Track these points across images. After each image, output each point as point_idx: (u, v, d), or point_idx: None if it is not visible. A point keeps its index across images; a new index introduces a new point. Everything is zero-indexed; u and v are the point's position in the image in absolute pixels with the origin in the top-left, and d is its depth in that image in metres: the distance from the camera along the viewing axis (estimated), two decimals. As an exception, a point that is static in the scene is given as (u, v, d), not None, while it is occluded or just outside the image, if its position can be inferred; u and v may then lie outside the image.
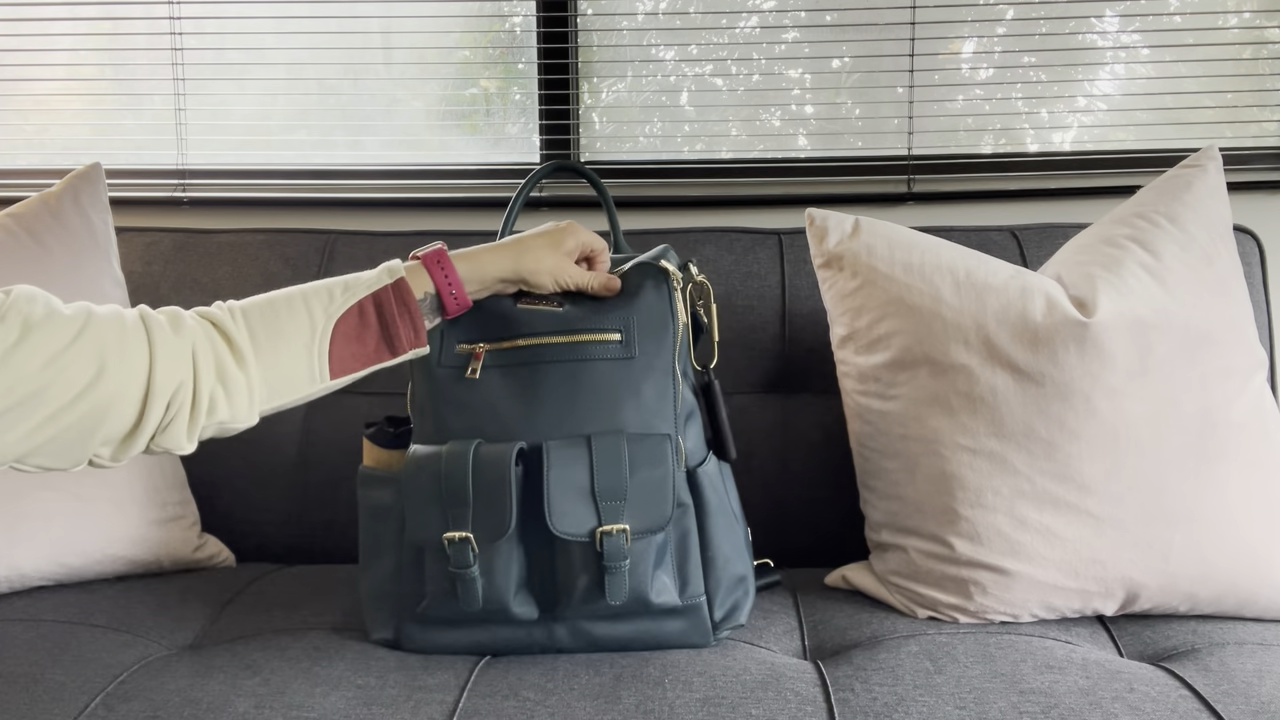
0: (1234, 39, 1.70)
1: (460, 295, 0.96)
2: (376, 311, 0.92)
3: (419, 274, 0.94)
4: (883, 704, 0.89)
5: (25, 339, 0.76)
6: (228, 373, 0.86)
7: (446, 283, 0.95)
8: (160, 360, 0.82)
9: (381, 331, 0.92)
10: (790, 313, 1.40)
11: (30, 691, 0.93)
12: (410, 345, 0.93)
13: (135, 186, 1.80)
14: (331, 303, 0.90)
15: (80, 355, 0.78)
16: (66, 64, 1.82)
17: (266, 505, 1.41)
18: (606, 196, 1.24)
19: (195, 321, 0.86)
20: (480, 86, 1.81)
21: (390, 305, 0.92)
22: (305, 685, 0.93)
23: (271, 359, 0.88)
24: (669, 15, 1.77)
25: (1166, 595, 1.07)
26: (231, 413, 0.86)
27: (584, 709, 0.89)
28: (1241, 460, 1.08)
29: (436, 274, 0.94)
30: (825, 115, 1.76)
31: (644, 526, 0.95)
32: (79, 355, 0.78)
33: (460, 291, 0.95)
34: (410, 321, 0.93)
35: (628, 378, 1.00)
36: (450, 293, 0.95)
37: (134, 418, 0.81)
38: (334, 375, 0.91)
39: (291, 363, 0.88)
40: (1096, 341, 1.06)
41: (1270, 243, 1.63)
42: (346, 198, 1.77)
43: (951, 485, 1.08)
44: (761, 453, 1.37)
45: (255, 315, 0.89)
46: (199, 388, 0.84)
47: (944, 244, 1.16)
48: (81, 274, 1.31)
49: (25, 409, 0.76)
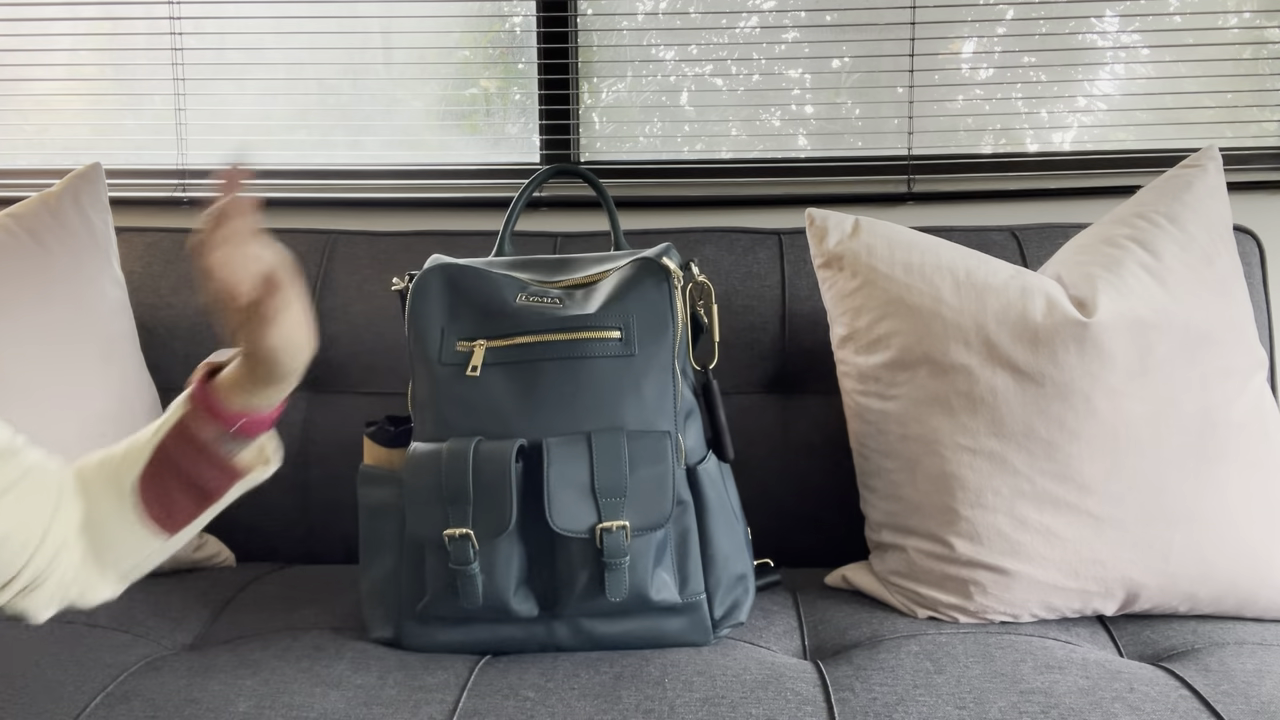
0: (1234, 39, 1.70)
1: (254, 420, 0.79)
2: (171, 466, 0.79)
3: (200, 420, 0.79)
4: (883, 704, 0.89)
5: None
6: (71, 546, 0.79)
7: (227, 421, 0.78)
8: (59, 521, 0.76)
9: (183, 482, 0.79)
10: (790, 313, 1.40)
11: (30, 691, 0.93)
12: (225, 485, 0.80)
13: (135, 186, 1.80)
14: (124, 463, 0.80)
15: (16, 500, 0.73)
16: (66, 64, 1.82)
17: (266, 505, 1.41)
18: (607, 197, 1.24)
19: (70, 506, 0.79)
20: (480, 86, 1.81)
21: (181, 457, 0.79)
22: (305, 685, 0.93)
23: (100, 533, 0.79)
24: (669, 15, 1.77)
25: (1166, 595, 1.07)
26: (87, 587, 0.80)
27: (584, 708, 0.89)
28: (1241, 460, 1.08)
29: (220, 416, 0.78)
30: (825, 115, 1.76)
31: (644, 523, 0.95)
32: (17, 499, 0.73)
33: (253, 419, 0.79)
34: (212, 464, 0.79)
35: (628, 375, 1.00)
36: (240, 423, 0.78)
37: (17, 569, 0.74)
38: (170, 532, 0.80)
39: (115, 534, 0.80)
40: (1096, 341, 1.06)
41: (1270, 243, 1.63)
42: (346, 198, 1.77)
43: (951, 485, 1.08)
44: (761, 453, 1.37)
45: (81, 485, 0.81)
46: (71, 554, 0.78)
47: (944, 244, 1.16)
48: (81, 274, 1.31)
49: None
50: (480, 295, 1.05)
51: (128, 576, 0.83)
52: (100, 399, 1.25)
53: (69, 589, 0.79)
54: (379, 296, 1.44)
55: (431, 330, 1.05)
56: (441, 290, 1.06)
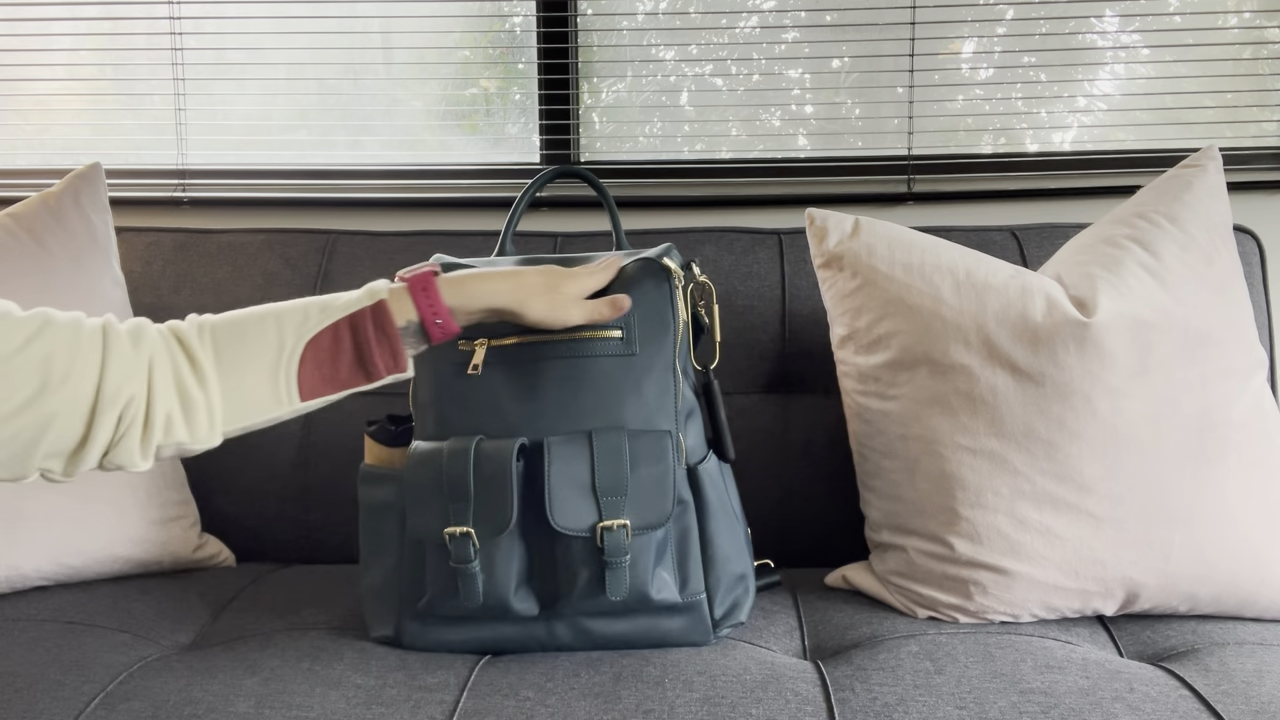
0: (1234, 39, 1.70)
1: (446, 323, 0.91)
2: (352, 335, 0.88)
3: (403, 299, 0.90)
4: (883, 704, 0.89)
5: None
6: (187, 391, 0.83)
7: (431, 312, 0.90)
8: (111, 373, 0.80)
9: (355, 356, 0.88)
10: (790, 313, 1.40)
11: (30, 691, 0.93)
12: (388, 371, 0.90)
13: (135, 186, 1.80)
14: (305, 323, 0.87)
15: (26, 363, 0.76)
16: (66, 64, 1.82)
17: (266, 505, 1.41)
18: (608, 197, 1.24)
19: (159, 335, 0.84)
20: (480, 86, 1.81)
21: (367, 330, 0.88)
22: (305, 685, 0.93)
23: (235, 379, 0.85)
24: (669, 15, 1.77)
25: (1166, 595, 1.07)
26: (190, 433, 0.84)
27: (584, 708, 0.89)
28: (1241, 460, 1.08)
29: (421, 302, 0.90)
30: (825, 115, 1.76)
31: (644, 522, 0.95)
32: (25, 363, 0.76)
33: (446, 320, 0.91)
34: (389, 347, 0.89)
35: (629, 374, 1.00)
36: (435, 321, 0.91)
37: (81, 431, 0.79)
38: (304, 398, 0.88)
39: (256, 384, 0.86)
40: (1096, 341, 1.06)
41: (1270, 243, 1.63)
42: (346, 198, 1.77)
43: (951, 485, 1.08)
44: (761, 453, 1.37)
45: (222, 332, 0.86)
46: (153, 404, 0.82)
47: (944, 244, 1.16)
48: (81, 274, 1.31)
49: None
50: (480, 295, 1.05)
51: (234, 431, 0.87)
52: (100, 399, 1.26)
53: (169, 434, 0.83)
54: (379, 296, 1.44)
55: (432, 330, 1.05)
56: (442, 290, 1.06)
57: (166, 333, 0.85)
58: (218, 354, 0.85)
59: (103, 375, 0.79)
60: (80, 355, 0.79)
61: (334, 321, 0.88)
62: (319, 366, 0.87)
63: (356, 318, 0.88)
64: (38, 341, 0.77)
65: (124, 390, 0.80)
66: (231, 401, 0.85)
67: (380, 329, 0.89)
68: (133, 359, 0.81)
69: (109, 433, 0.80)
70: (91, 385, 0.79)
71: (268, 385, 0.86)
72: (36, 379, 0.76)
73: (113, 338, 0.81)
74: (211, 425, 0.85)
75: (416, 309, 0.90)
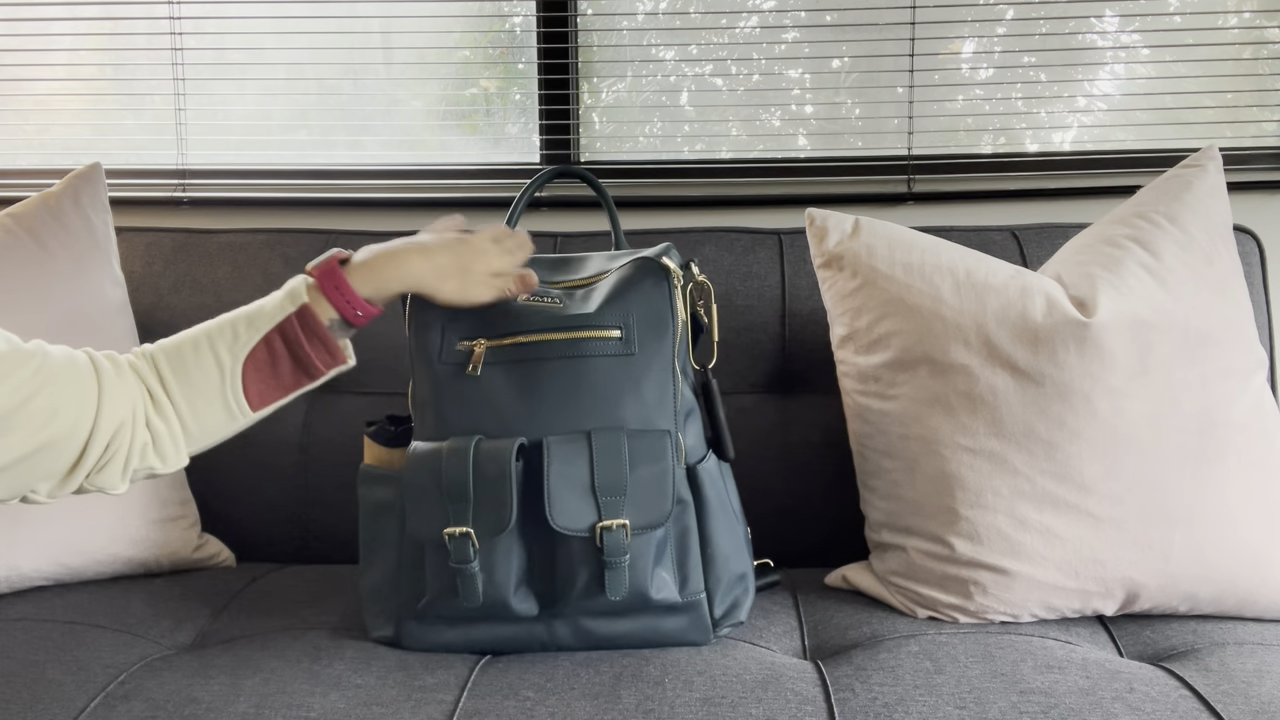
0: (1234, 39, 1.70)
1: (365, 309, 0.94)
2: (284, 343, 0.91)
3: (320, 298, 0.93)
4: (883, 704, 0.89)
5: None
6: (152, 420, 0.88)
7: (347, 304, 0.93)
8: (106, 406, 0.84)
9: (293, 361, 0.92)
10: (790, 313, 1.40)
11: (30, 691, 0.93)
12: (328, 366, 0.94)
13: (135, 186, 1.80)
14: (236, 341, 0.90)
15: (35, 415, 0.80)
16: (66, 64, 1.82)
17: (266, 505, 1.41)
18: (607, 198, 1.24)
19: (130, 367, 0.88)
20: (480, 86, 1.81)
21: (297, 334, 0.91)
22: (305, 685, 0.93)
23: (188, 406, 0.89)
24: (669, 15, 1.77)
25: (1166, 595, 1.07)
26: (161, 458, 0.89)
27: (584, 708, 0.89)
28: (1241, 460, 1.08)
29: (335, 298, 0.93)
30: (825, 115, 1.76)
31: (644, 522, 0.95)
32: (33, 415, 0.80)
33: (364, 306, 0.94)
34: (323, 346, 0.93)
35: (628, 374, 1.00)
36: (355, 312, 0.94)
37: (74, 458, 0.83)
38: (256, 408, 0.92)
39: (208, 406, 0.90)
40: (1096, 341, 1.06)
41: (1270, 243, 1.63)
42: (346, 198, 1.77)
43: (951, 485, 1.08)
44: (761, 453, 1.37)
45: (164, 364, 0.90)
46: (135, 431, 0.86)
47: (944, 244, 1.16)
48: (81, 274, 1.31)
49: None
50: (480, 295, 1.05)
51: (201, 448, 0.93)
52: (100, 399, 1.26)
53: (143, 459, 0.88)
54: (379, 296, 1.44)
55: (432, 329, 1.05)
56: (441, 290, 1.06)
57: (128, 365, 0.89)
58: (166, 385, 0.89)
59: (99, 409, 0.84)
60: (80, 395, 0.83)
61: (264, 334, 0.91)
62: (262, 378, 0.91)
63: (284, 326, 0.91)
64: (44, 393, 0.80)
65: (114, 420, 0.84)
66: (190, 426, 0.90)
67: (310, 331, 0.92)
68: (121, 390, 0.85)
69: (97, 457, 0.84)
70: (90, 419, 0.83)
71: (219, 406, 0.90)
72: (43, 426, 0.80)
73: (104, 372, 0.85)
74: (177, 450, 0.90)
75: (333, 306, 0.93)
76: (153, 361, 0.90)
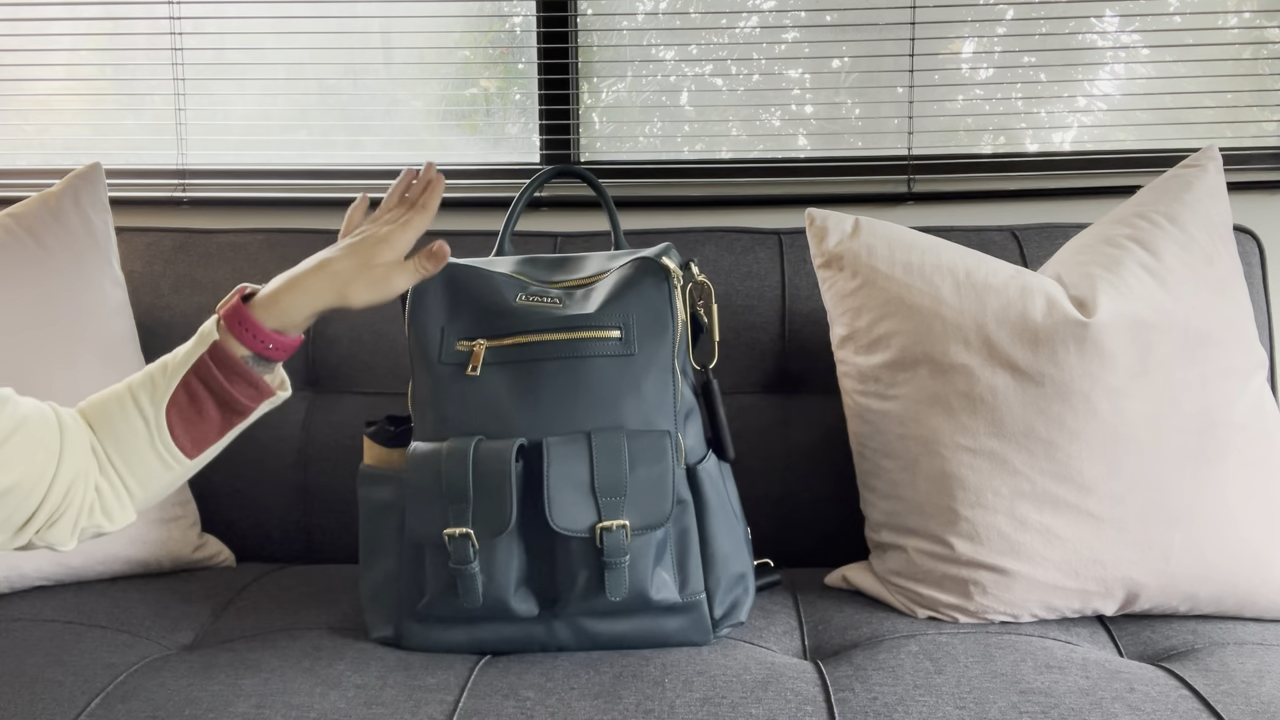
0: (1234, 39, 1.70)
1: (278, 342, 0.91)
2: (204, 384, 0.89)
3: (229, 340, 0.90)
4: (883, 704, 0.89)
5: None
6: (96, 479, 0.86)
7: (256, 340, 0.90)
8: (66, 455, 0.83)
9: (217, 402, 0.89)
10: (790, 313, 1.40)
11: (30, 691, 0.93)
12: (255, 401, 0.91)
13: (135, 186, 1.80)
14: (155, 390, 0.88)
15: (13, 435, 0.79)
16: (66, 64, 1.82)
17: (266, 505, 1.41)
18: (606, 198, 1.24)
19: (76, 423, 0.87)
20: (480, 86, 1.81)
21: (213, 374, 0.88)
22: (305, 685, 0.93)
23: (122, 461, 0.88)
24: (669, 15, 1.77)
25: (1166, 595, 1.07)
26: (107, 517, 0.88)
27: (584, 708, 0.89)
28: (1241, 460, 1.08)
29: (243, 335, 0.89)
30: (825, 115, 1.76)
31: (644, 522, 0.95)
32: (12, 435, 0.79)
33: (274, 339, 0.90)
34: (243, 381, 0.89)
35: (627, 375, 1.00)
36: (266, 345, 0.90)
37: (35, 507, 0.82)
38: (191, 455, 0.90)
39: (142, 461, 0.88)
40: (1096, 341, 1.06)
41: (1270, 243, 1.63)
42: (347, 198, 1.77)
43: (951, 485, 1.08)
44: (761, 453, 1.37)
45: (95, 422, 0.88)
46: (86, 488, 0.85)
47: (944, 244, 1.16)
48: (81, 274, 1.31)
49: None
50: (480, 295, 1.05)
51: (147, 501, 0.91)
52: (100, 399, 1.26)
53: (91, 517, 0.86)
54: (379, 296, 1.44)
55: (431, 330, 1.05)
56: (441, 290, 1.06)
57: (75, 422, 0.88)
58: (101, 442, 0.88)
59: (60, 461, 0.83)
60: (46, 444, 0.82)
61: (181, 378, 0.88)
62: (188, 423, 0.89)
63: (199, 367, 0.89)
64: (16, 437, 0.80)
65: (71, 473, 0.83)
66: (129, 482, 0.88)
67: (227, 369, 0.89)
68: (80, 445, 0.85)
69: (51, 511, 0.83)
70: (51, 470, 0.82)
71: (152, 457, 0.88)
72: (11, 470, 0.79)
73: (65, 425, 0.84)
74: (123, 508, 0.89)
75: (242, 344, 0.90)
76: (86, 420, 0.88)
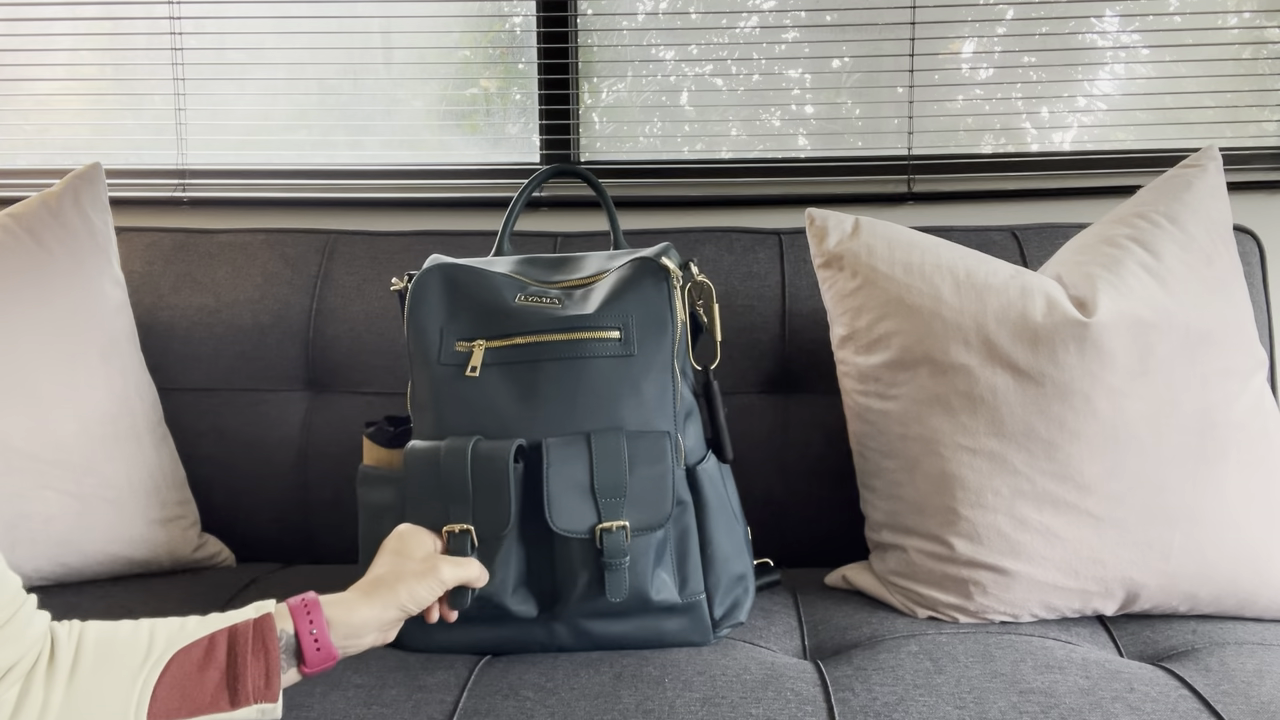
0: (1234, 39, 1.70)
1: (325, 644, 0.83)
2: (228, 647, 0.80)
3: (282, 615, 0.83)
4: (883, 704, 0.89)
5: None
6: (31, 685, 0.75)
7: (309, 627, 0.82)
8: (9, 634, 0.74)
9: (227, 672, 0.79)
10: (790, 313, 1.40)
11: (30, 691, 0.93)
12: (256, 697, 0.79)
13: (135, 186, 1.80)
14: (180, 631, 0.80)
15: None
16: (66, 64, 1.82)
17: (266, 505, 1.41)
18: (606, 198, 1.24)
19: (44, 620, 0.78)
20: (480, 86, 1.81)
21: (245, 642, 0.80)
22: (305, 685, 0.93)
23: (85, 685, 0.76)
24: (669, 15, 1.77)
25: (1166, 595, 1.07)
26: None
27: (584, 709, 0.89)
28: (1241, 460, 1.08)
29: (300, 618, 0.82)
30: (825, 115, 1.76)
31: (644, 523, 0.95)
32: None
33: (325, 640, 0.83)
34: (264, 665, 0.80)
35: (627, 375, 1.00)
36: (311, 635, 0.82)
37: None
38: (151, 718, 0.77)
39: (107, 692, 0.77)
40: (1096, 341, 1.06)
41: (1270, 243, 1.63)
42: (346, 198, 1.77)
43: (951, 485, 1.08)
44: (761, 453, 1.37)
45: (92, 634, 0.79)
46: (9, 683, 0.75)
47: (944, 244, 1.16)
48: (81, 274, 1.31)
49: None
50: (479, 295, 1.05)
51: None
52: (100, 399, 1.25)
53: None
54: (379, 297, 1.44)
55: (431, 330, 1.05)
56: (441, 290, 1.06)
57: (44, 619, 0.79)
58: (78, 656, 0.78)
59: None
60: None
61: (212, 631, 0.80)
62: (178, 684, 0.79)
63: (239, 627, 0.81)
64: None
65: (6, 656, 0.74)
66: (69, 709, 0.76)
67: (259, 642, 0.81)
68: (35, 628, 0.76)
69: None
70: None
71: (118, 696, 0.77)
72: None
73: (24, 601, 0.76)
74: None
75: (293, 624, 0.82)
76: (78, 631, 0.79)
